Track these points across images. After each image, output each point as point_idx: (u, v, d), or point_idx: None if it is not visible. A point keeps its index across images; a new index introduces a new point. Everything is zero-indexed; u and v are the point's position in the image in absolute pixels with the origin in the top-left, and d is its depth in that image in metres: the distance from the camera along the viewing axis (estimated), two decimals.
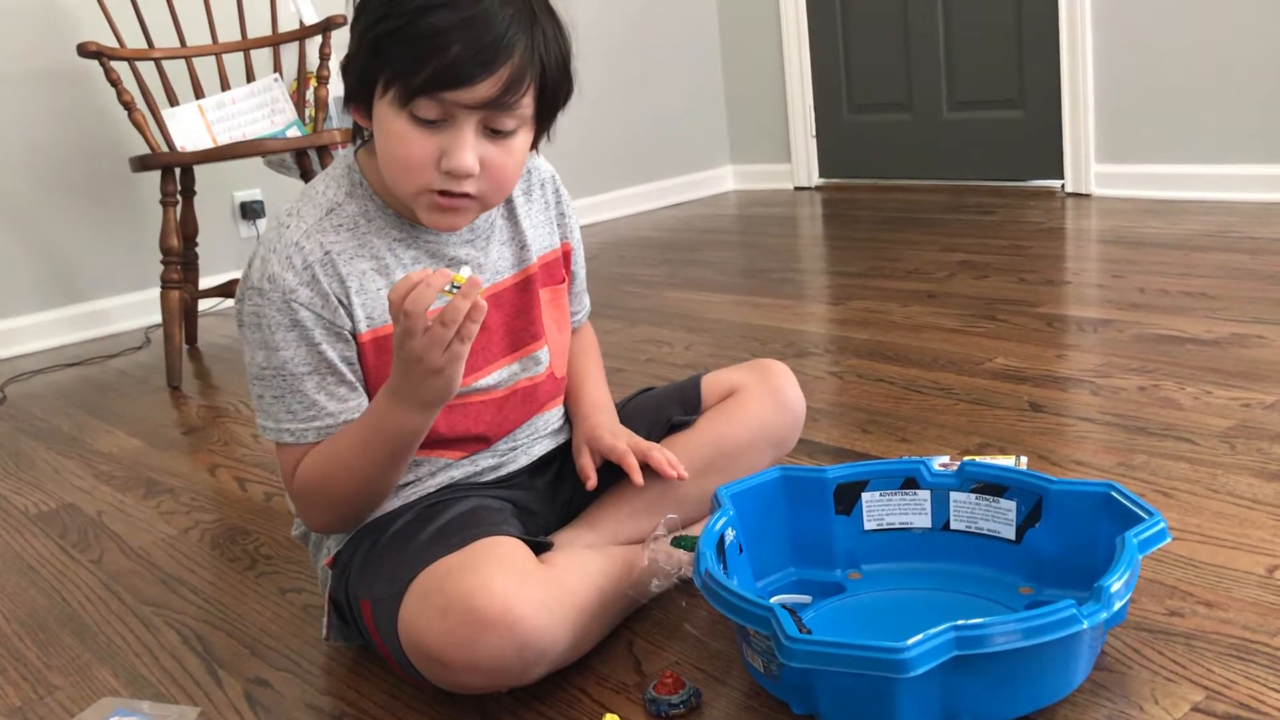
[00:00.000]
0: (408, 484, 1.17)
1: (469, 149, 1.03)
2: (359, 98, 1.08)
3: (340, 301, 1.09)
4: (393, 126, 1.04)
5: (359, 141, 1.15)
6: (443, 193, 1.06)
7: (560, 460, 1.30)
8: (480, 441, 1.20)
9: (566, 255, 1.29)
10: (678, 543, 1.19)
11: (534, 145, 1.13)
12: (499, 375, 1.19)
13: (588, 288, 1.39)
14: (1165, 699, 0.97)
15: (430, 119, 1.02)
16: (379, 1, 1.03)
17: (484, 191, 1.07)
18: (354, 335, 1.10)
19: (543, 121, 1.11)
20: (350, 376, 1.10)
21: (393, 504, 1.16)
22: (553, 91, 1.08)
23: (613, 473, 1.30)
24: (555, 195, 1.27)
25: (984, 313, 2.25)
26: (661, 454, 1.22)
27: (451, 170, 1.03)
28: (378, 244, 1.11)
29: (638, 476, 1.20)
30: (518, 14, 1.02)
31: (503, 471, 1.23)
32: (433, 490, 1.18)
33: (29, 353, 2.97)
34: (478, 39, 0.99)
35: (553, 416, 1.29)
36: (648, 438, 1.31)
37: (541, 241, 1.25)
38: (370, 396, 1.11)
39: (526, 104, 1.05)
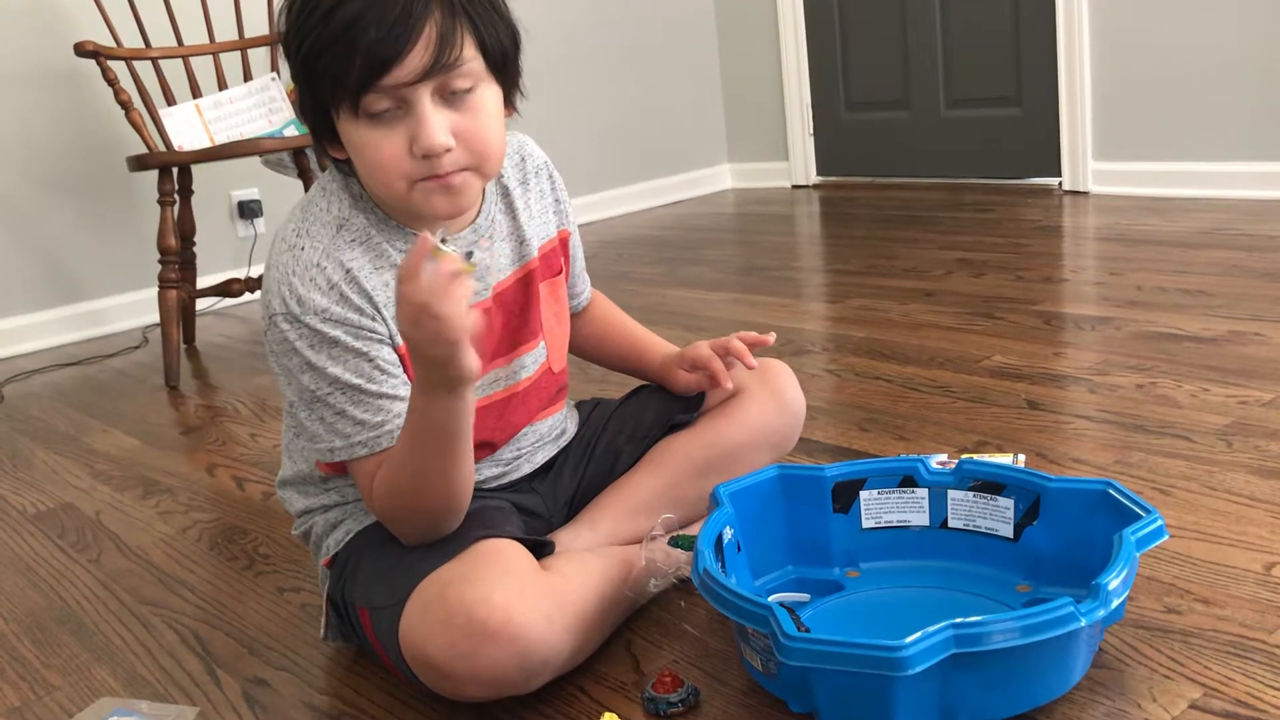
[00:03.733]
0: None
1: (433, 125, 1.00)
2: (325, 133, 1.06)
3: (372, 314, 1.07)
4: (357, 137, 1.02)
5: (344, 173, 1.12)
6: (430, 177, 1.03)
7: (560, 461, 1.29)
8: (486, 447, 1.19)
9: (564, 242, 1.27)
10: (675, 542, 1.19)
11: (509, 104, 1.09)
12: (488, 377, 1.17)
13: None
14: (1163, 696, 0.97)
15: (383, 111, 1.00)
16: (294, 23, 1.01)
17: (472, 160, 1.04)
18: (393, 345, 1.08)
19: (502, 74, 1.07)
20: (402, 373, 1.08)
21: None
22: (494, 36, 1.04)
23: (611, 472, 1.30)
24: (550, 181, 1.25)
25: (981, 310, 2.25)
26: (738, 344, 1.26)
27: (425, 152, 1.01)
28: (392, 254, 1.09)
29: (727, 381, 1.27)
30: None
31: (504, 480, 1.22)
32: None
33: (26, 352, 2.97)
34: (388, 14, 0.97)
35: (556, 421, 1.28)
36: (646, 436, 1.32)
37: (540, 232, 1.23)
38: None
39: (470, 56, 1.02)
